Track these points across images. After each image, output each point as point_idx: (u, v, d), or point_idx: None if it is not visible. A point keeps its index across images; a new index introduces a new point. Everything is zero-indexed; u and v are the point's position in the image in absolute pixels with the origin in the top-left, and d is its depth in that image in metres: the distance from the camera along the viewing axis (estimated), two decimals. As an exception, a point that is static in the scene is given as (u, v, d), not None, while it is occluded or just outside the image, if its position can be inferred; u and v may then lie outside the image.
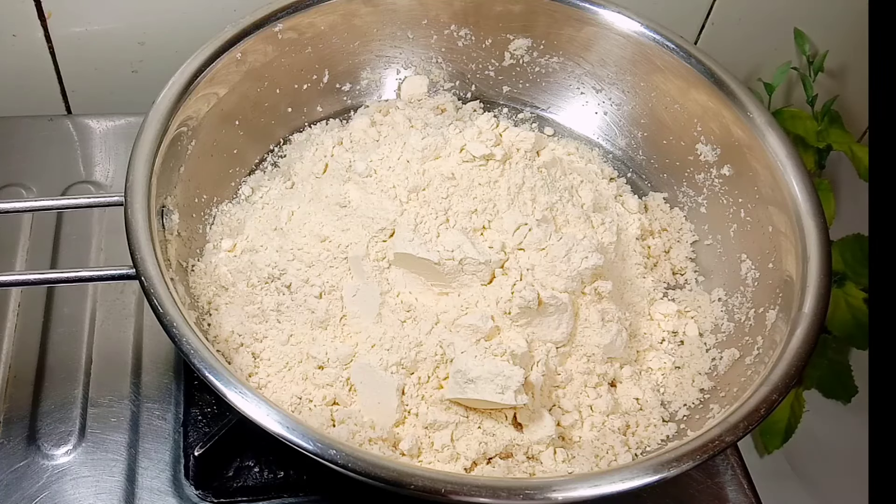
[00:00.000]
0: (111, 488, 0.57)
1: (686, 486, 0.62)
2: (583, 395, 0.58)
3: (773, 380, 0.52)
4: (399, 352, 0.55)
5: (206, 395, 0.62)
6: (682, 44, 0.68)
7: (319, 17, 0.69)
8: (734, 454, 0.64)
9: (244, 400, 0.46)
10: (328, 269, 0.58)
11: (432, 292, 0.57)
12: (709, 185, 0.69)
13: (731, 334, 0.62)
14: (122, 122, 0.80)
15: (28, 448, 0.59)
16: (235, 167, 0.68)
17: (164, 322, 0.49)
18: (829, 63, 0.77)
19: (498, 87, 0.77)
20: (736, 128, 0.65)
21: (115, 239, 0.70)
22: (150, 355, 0.64)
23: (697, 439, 0.49)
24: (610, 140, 0.75)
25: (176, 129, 0.59)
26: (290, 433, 0.45)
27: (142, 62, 0.81)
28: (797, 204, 0.60)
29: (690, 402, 0.59)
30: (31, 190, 0.74)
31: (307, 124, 0.73)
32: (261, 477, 0.59)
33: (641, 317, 0.64)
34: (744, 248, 0.65)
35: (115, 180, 0.75)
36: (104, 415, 0.61)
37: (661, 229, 0.70)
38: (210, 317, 0.59)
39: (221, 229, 0.64)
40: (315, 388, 0.55)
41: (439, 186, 0.60)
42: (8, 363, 0.63)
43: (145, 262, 0.51)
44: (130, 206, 0.53)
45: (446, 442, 0.53)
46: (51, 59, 0.79)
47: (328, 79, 0.73)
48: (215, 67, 0.63)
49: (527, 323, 0.56)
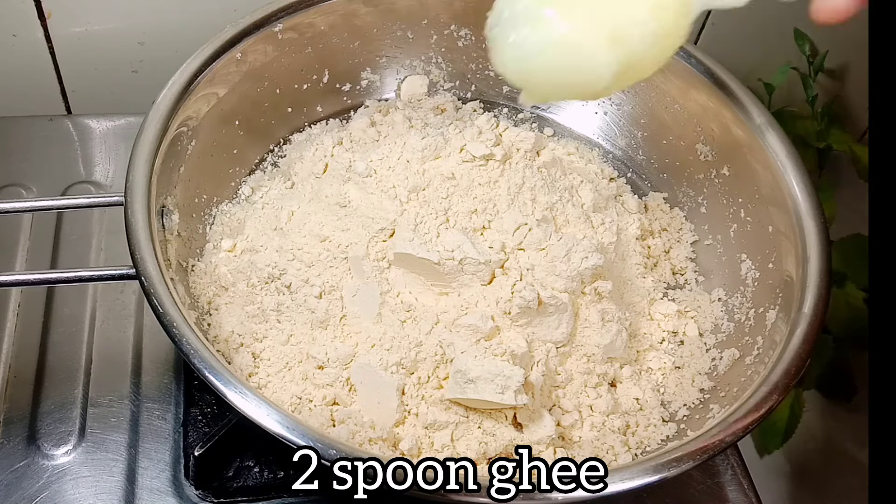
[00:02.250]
0: (111, 488, 0.57)
1: (686, 486, 0.62)
2: (583, 395, 0.58)
3: (773, 380, 0.52)
4: (399, 352, 0.55)
5: (206, 395, 0.62)
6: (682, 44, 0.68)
7: (319, 17, 0.69)
8: (734, 454, 0.64)
9: (244, 400, 0.46)
10: (328, 269, 0.58)
11: (432, 292, 0.57)
12: (709, 185, 0.69)
13: (731, 334, 0.62)
14: (122, 122, 0.80)
15: (28, 448, 0.59)
16: (235, 167, 0.68)
17: (164, 322, 0.49)
18: (829, 63, 0.77)
19: (498, 87, 0.77)
20: (736, 128, 0.65)
21: (115, 239, 0.70)
22: (150, 355, 0.64)
23: (697, 439, 0.49)
24: (610, 140, 0.75)
25: (176, 129, 0.59)
26: (290, 433, 0.45)
27: (142, 62, 0.81)
28: (797, 204, 0.60)
29: (690, 402, 0.59)
30: (31, 190, 0.74)
31: (307, 124, 0.73)
32: (261, 477, 0.59)
33: (641, 317, 0.64)
34: (744, 248, 0.65)
35: (115, 180, 0.75)
36: (104, 415, 0.61)
37: (661, 229, 0.70)
38: (210, 317, 0.59)
39: (221, 229, 0.64)
40: (315, 388, 0.55)
41: (439, 186, 0.60)
42: (8, 363, 0.63)
43: (145, 262, 0.51)
44: (130, 206, 0.53)
45: (446, 442, 0.53)
46: (51, 59, 0.79)
47: (328, 79, 0.73)
48: (215, 67, 0.63)
49: (527, 323, 0.56)
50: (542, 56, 0.43)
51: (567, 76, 0.44)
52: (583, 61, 0.42)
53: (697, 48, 0.68)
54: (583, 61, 0.42)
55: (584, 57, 0.42)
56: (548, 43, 0.42)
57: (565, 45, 0.42)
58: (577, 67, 0.43)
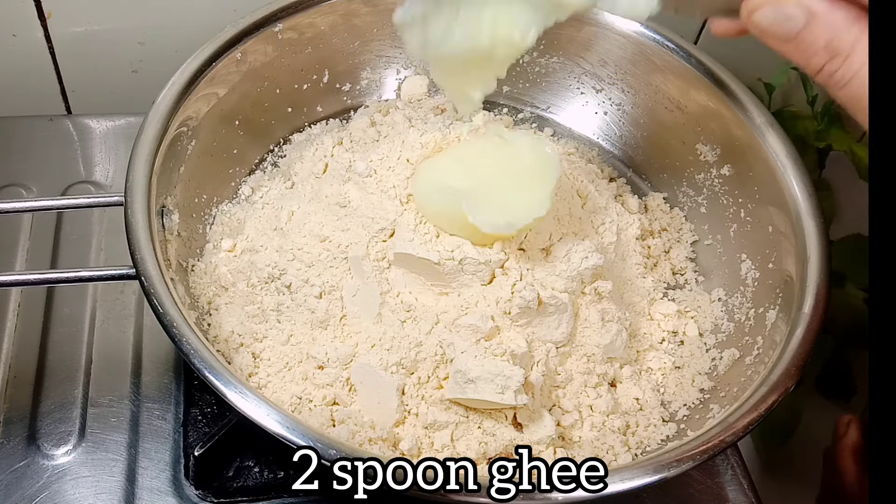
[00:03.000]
0: (111, 488, 0.57)
1: (686, 486, 0.62)
2: (583, 395, 0.58)
3: (773, 380, 0.52)
4: (399, 352, 0.55)
5: (206, 395, 0.62)
6: (682, 44, 0.68)
7: (319, 17, 0.69)
8: (734, 454, 0.64)
9: (244, 400, 0.46)
10: (328, 269, 0.58)
11: (432, 292, 0.57)
12: (709, 185, 0.69)
13: (731, 334, 0.62)
14: (122, 122, 0.80)
15: (28, 448, 0.59)
16: (235, 167, 0.68)
17: (164, 322, 0.49)
18: (829, 63, 0.77)
19: (498, 87, 0.76)
20: (736, 128, 0.65)
21: (115, 239, 0.70)
22: (150, 355, 0.64)
23: (697, 439, 0.49)
24: (610, 140, 0.75)
25: (176, 129, 0.59)
26: (290, 433, 0.45)
27: (142, 62, 0.81)
28: (797, 204, 0.60)
29: (690, 402, 0.59)
30: (31, 190, 0.74)
31: (307, 124, 0.73)
32: (261, 477, 0.59)
33: (641, 317, 0.64)
34: (744, 248, 0.65)
35: (115, 180, 0.75)
36: (104, 415, 0.61)
37: (661, 229, 0.70)
38: (210, 317, 0.59)
39: (221, 229, 0.64)
40: (315, 388, 0.55)
41: (439, 186, 0.60)
42: (8, 363, 0.63)
43: (145, 262, 0.51)
44: (130, 206, 0.53)
45: (446, 442, 0.53)
46: (51, 59, 0.79)
47: (328, 79, 0.73)
48: (215, 67, 0.63)
49: (527, 323, 0.56)
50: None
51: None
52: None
53: (697, 48, 0.68)
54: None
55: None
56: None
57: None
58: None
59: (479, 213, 0.54)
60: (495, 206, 0.55)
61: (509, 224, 0.54)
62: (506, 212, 0.55)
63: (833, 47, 0.36)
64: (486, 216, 0.54)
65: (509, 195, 0.56)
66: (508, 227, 0.54)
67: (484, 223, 0.54)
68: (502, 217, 0.54)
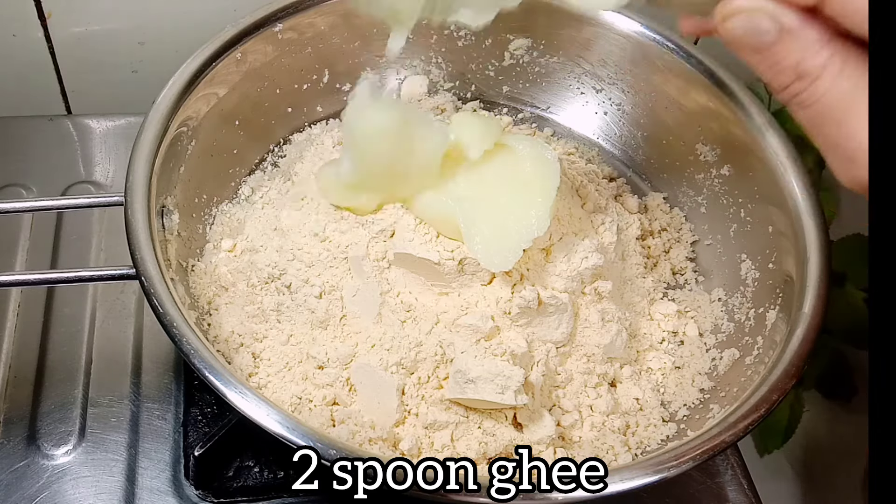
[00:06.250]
0: (111, 488, 0.57)
1: (686, 486, 0.62)
2: (583, 395, 0.58)
3: (773, 380, 0.52)
4: (399, 352, 0.55)
5: (206, 395, 0.62)
6: (682, 44, 0.68)
7: (319, 17, 0.69)
8: (734, 454, 0.64)
9: (244, 400, 0.46)
10: (328, 269, 0.58)
11: (432, 292, 0.57)
12: (709, 185, 0.69)
13: (731, 334, 0.62)
14: (122, 122, 0.80)
15: (28, 448, 0.59)
16: (235, 167, 0.68)
17: (164, 322, 0.49)
18: (829, 63, 0.77)
19: (498, 87, 0.77)
20: (736, 128, 0.65)
21: (115, 239, 0.70)
22: (150, 355, 0.64)
23: (697, 439, 0.49)
24: (610, 140, 0.75)
25: (176, 129, 0.59)
26: (290, 433, 0.45)
27: (142, 62, 0.81)
28: (797, 204, 0.60)
29: (690, 402, 0.59)
30: (31, 190, 0.74)
31: (307, 124, 0.73)
32: (261, 477, 0.59)
33: (641, 317, 0.64)
34: (744, 248, 0.65)
35: (115, 180, 0.75)
36: (104, 415, 0.61)
37: (661, 229, 0.70)
38: (210, 317, 0.59)
39: (221, 229, 0.64)
40: (315, 388, 0.55)
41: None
42: (8, 363, 0.63)
43: (145, 262, 0.51)
44: (130, 206, 0.53)
45: (446, 442, 0.53)
46: (51, 59, 0.79)
47: (328, 79, 0.73)
48: (215, 67, 0.63)
49: (527, 323, 0.56)
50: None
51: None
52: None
53: (697, 48, 0.68)
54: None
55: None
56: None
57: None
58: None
59: (477, 242, 0.55)
60: (493, 224, 0.55)
61: (506, 261, 0.54)
62: (504, 236, 0.55)
63: (801, 69, 0.36)
64: (484, 247, 0.55)
65: (507, 210, 0.56)
66: (505, 263, 0.54)
67: (483, 260, 0.55)
68: (499, 252, 0.54)
